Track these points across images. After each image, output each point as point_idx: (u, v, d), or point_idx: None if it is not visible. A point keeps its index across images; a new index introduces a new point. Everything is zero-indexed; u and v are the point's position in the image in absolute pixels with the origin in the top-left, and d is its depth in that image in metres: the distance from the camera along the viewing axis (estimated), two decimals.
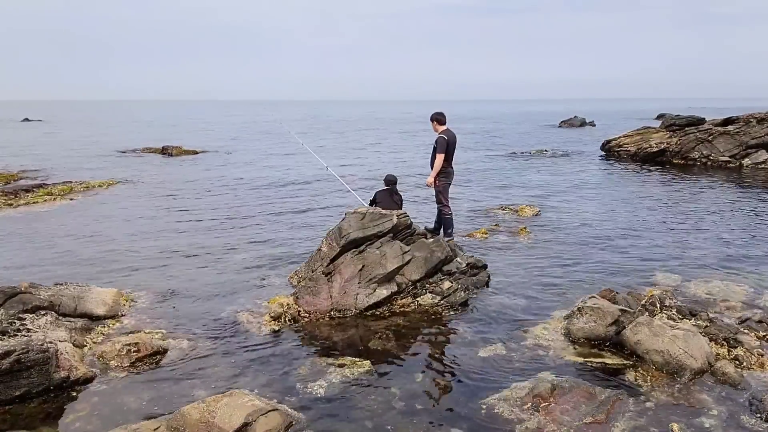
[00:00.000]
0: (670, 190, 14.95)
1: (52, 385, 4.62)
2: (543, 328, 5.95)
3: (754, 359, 5.13)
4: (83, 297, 6.17)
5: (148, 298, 6.86)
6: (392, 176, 8.95)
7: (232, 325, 6.10)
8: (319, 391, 4.68)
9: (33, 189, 14.63)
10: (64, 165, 20.53)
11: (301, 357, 5.33)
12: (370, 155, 24.96)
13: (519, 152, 25.18)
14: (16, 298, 5.57)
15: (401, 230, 7.24)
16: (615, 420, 4.22)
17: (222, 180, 17.29)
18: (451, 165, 8.53)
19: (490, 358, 5.30)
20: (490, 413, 4.35)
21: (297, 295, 6.58)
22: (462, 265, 7.23)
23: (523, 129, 44.47)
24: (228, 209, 12.67)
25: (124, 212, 12.36)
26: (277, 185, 16.23)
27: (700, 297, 6.83)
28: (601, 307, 5.66)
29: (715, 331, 5.54)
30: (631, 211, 12.16)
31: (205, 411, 4.00)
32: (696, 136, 20.66)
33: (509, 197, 13.90)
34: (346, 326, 6.06)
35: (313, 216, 11.93)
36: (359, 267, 6.57)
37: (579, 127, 45.12)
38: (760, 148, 19.39)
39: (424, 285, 6.84)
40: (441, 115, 8.56)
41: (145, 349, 5.31)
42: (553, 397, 4.45)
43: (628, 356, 5.25)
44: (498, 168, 20.09)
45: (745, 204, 12.86)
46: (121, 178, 17.34)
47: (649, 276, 7.66)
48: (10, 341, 4.73)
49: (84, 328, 5.76)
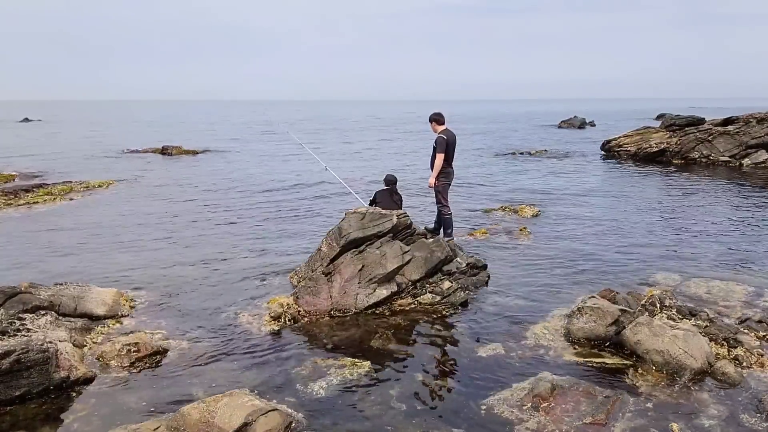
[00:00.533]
0: (670, 190, 14.95)
1: (52, 385, 4.62)
2: (543, 328, 5.95)
3: (754, 359, 5.13)
4: (83, 297, 6.17)
5: (148, 298, 6.86)
6: (392, 176, 8.95)
7: (232, 325, 6.10)
8: (319, 391, 4.68)
9: (33, 189, 14.64)
10: (64, 165, 20.53)
11: (301, 357, 5.33)
12: (372, 156, 24.96)
13: (519, 152, 25.17)
14: (16, 298, 5.57)
15: (401, 230, 7.24)
16: (615, 420, 4.22)
17: (222, 180, 17.29)
18: (451, 165, 8.53)
19: (490, 358, 5.30)
20: (490, 413, 4.35)
21: (297, 295, 6.58)
22: (462, 265, 7.24)
23: (523, 129, 44.46)
24: (228, 209, 12.67)
25: (124, 212, 12.36)
26: (277, 185, 16.23)
27: (700, 297, 6.83)
28: (601, 307, 5.66)
29: (715, 331, 5.54)
30: (631, 211, 12.16)
31: (205, 411, 4.00)
32: (696, 136, 20.66)
33: (509, 197, 13.90)
34: (346, 326, 6.06)
35: (313, 216, 11.93)
36: (359, 267, 6.57)
37: (579, 127, 45.10)
38: (760, 148, 19.39)
39: (424, 285, 6.84)
40: (439, 116, 8.56)
41: (145, 349, 5.31)
42: (553, 397, 4.45)
43: (628, 356, 5.25)
44: (498, 168, 20.09)
45: (745, 204, 12.86)
46: (121, 178, 17.34)
47: (649, 276, 7.65)
48: (10, 341, 4.73)
49: (84, 328, 5.76)
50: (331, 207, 12.81)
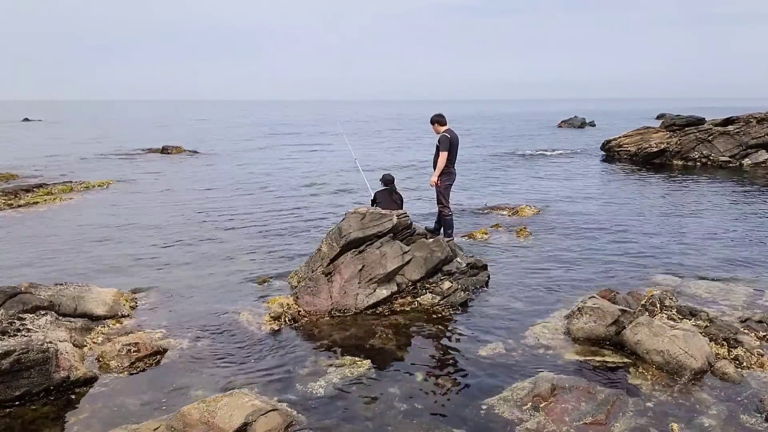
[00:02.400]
0: (670, 191, 14.95)
1: (52, 385, 4.61)
2: (543, 327, 5.95)
3: (754, 359, 5.13)
4: (83, 297, 6.16)
5: (148, 298, 6.86)
6: (389, 175, 8.78)
7: (232, 325, 6.10)
8: (319, 391, 4.68)
9: (33, 189, 14.64)
10: (64, 164, 20.54)
11: (301, 357, 5.33)
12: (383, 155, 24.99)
13: (519, 152, 25.18)
14: (16, 298, 5.56)
15: (401, 230, 7.23)
16: (615, 420, 4.22)
17: (222, 180, 17.29)
18: (453, 166, 8.50)
19: (490, 358, 5.30)
20: (490, 413, 4.35)
21: (297, 295, 6.58)
22: (462, 265, 7.23)
23: (524, 129, 44.48)
24: (228, 209, 12.67)
25: (124, 212, 12.36)
26: (277, 186, 16.23)
27: (700, 297, 6.83)
28: (601, 307, 5.66)
29: (715, 331, 5.54)
30: (631, 211, 12.16)
31: (205, 411, 4.00)
32: (696, 136, 20.66)
33: (509, 197, 13.90)
34: (346, 326, 6.06)
35: (313, 216, 11.93)
36: (359, 267, 6.57)
37: (579, 127, 45.12)
38: (760, 148, 19.40)
39: (424, 285, 6.84)
40: (441, 117, 8.54)
41: (145, 349, 5.31)
42: (553, 397, 4.45)
43: (628, 356, 5.25)
44: (498, 168, 20.10)
45: (745, 204, 12.86)
46: (120, 177, 17.34)
47: (649, 276, 7.65)
48: (10, 341, 4.72)
49: (84, 328, 5.76)
50: (332, 207, 12.81)
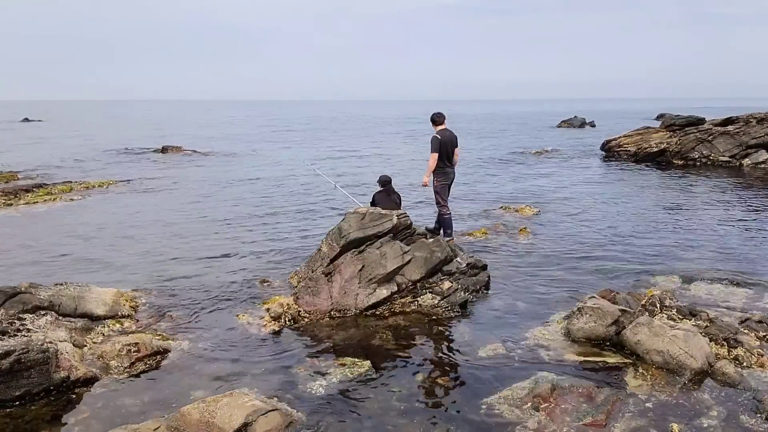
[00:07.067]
0: (670, 191, 14.95)
1: (52, 386, 4.62)
2: (543, 328, 5.95)
3: (754, 359, 5.13)
4: (83, 297, 6.16)
5: (148, 299, 6.86)
6: (386, 176, 8.69)
7: (232, 325, 6.10)
8: (319, 391, 4.68)
9: (33, 189, 14.64)
10: (64, 164, 20.54)
11: (301, 357, 5.33)
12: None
13: (519, 152, 25.18)
14: (16, 298, 5.57)
15: (401, 230, 7.23)
16: (615, 420, 4.22)
17: (222, 180, 17.29)
18: (449, 165, 8.49)
19: (490, 358, 5.30)
20: (490, 413, 4.35)
21: (297, 295, 6.58)
22: (462, 266, 7.23)
23: (523, 129, 44.46)
24: (228, 209, 12.67)
25: (124, 212, 12.36)
26: (277, 186, 16.23)
27: (700, 297, 6.83)
28: (601, 307, 5.66)
29: (715, 331, 5.54)
30: (631, 211, 12.15)
31: (205, 411, 4.00)
32: (696, 136, 20.65)
33: (509, 197, 13.90)
34: (346, 326, 6.06)
35: (313, 216, 11.93)
36: (359, 267, 6.57)
37: (579, 127, 45.09)
38: (760, 148, 19.38)
39: (424, 285, 6.84)
40: (437, 116, 8.55)
41: (145, 350, 5.30)
42: (553, 397, 4.45)
43: (628, 356, 5.25)
44: (498, 168, 20.09)
45: (745, 204, 12.86)
46: (120, 178, 17.33)
47: (649, 276, 7.65)
48: (10, 341, 4.73)
49: (84, 328, 5.76)
50: (333, 208, 12.81)
